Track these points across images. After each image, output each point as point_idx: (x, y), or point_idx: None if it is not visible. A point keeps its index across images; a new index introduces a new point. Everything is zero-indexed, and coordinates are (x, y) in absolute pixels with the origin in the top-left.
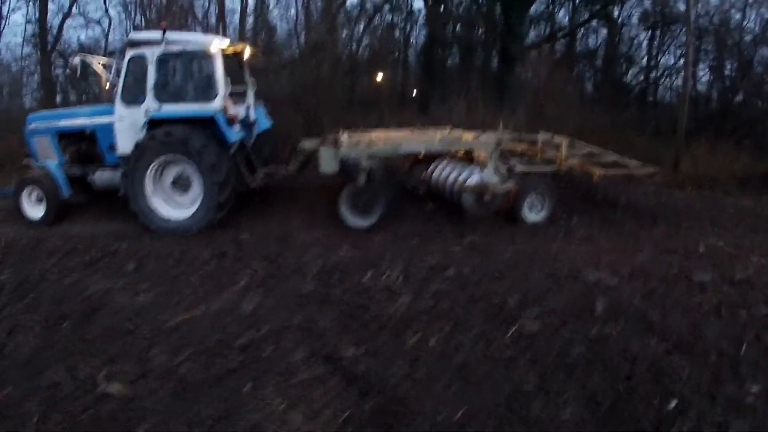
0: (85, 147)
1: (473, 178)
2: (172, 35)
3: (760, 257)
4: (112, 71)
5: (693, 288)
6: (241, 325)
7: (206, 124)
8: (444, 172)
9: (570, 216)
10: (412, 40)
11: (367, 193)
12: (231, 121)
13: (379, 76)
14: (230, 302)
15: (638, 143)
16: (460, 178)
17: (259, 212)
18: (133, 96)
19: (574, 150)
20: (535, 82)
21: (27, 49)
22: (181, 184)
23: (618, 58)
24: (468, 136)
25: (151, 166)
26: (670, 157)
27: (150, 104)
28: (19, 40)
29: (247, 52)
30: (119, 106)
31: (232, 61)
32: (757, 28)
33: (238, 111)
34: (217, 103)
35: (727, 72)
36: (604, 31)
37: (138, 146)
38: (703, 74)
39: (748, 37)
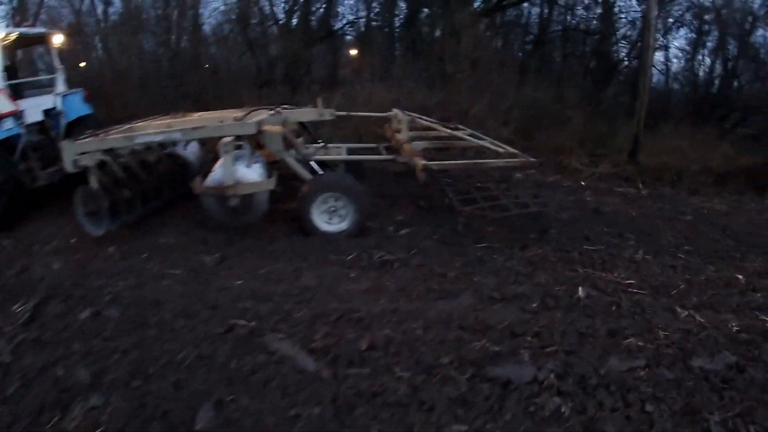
0: None
1: (212, 176)
2: None
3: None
4: None
5: None
6: None
7: None
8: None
9: (402, 226)
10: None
11: (93, 196)
12: None
13: None
14: None
15: (593, 126)
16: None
17: None
18: None
19: (425, 132)
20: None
21: None
22: None
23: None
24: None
25: None
26: (626, 145)
27: None
28: None
29: (58, 40)
30: None
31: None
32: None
33: (18, 105)
34: None
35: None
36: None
37: None
38: (676, 57)
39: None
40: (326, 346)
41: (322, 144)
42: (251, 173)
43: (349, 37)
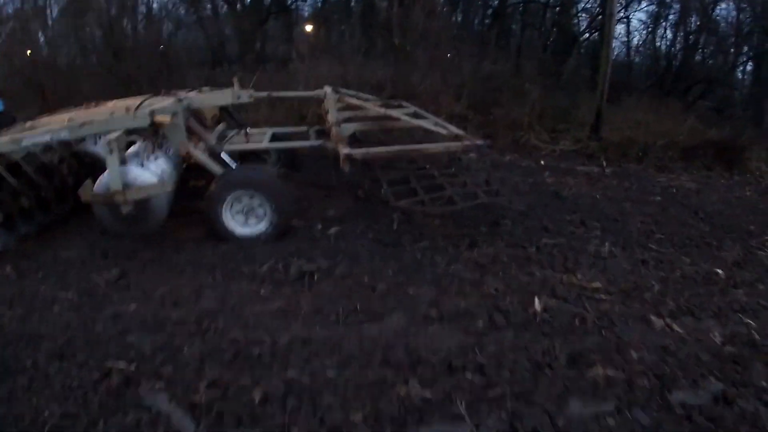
0: None
1: (100, 180)
2: None
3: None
4: None
5: None
6: None
7: None
8: None
9: (333, 223)
10: None
11: None
12: None
13: None
14: None
15: (553, 100)
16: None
17: None
18: None
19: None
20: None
21: None
22: None
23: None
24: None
25: None
26: (588, 119)
27: None
28: None
29: None
30: None
31: None
32: None
33: None
34: None
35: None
36: None
37: None
38: (637, 30)
39: None
40: (211, 399)
41: (236, 131)
42: (144, 174)
43: (305, 13)
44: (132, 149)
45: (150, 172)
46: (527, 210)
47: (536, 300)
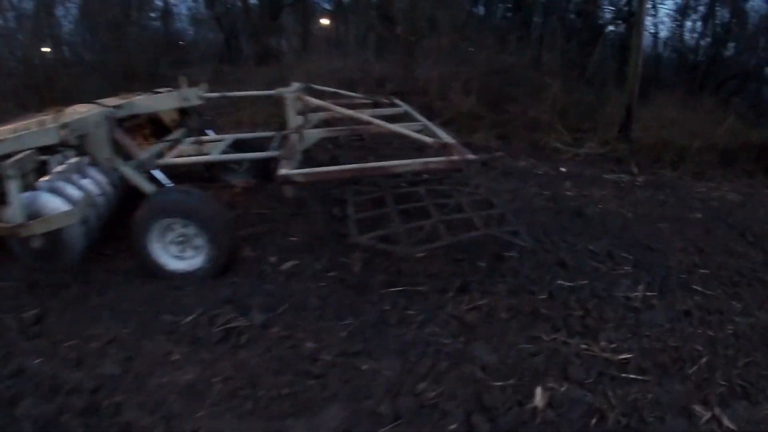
0: None
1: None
2: None
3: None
4: None
5: None
6: None
7: None
8: None
9: (290, 255)
10: None
11: None
12: None
13: None
14: None
15: (577, 95)
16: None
17: None
18: None
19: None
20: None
21: None
22: None
23: None
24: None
25: None
26: (616, 118)
27: None
28: None
29: None
30: None
31: None
32: None
33: None
34: None
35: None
36: None
37: None
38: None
39: None
40: None
41: (175, 138)
42: (53, 201)
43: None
44: (58, 168)
45: (62, 198)
46: (541, 236)
47: (538, 391)
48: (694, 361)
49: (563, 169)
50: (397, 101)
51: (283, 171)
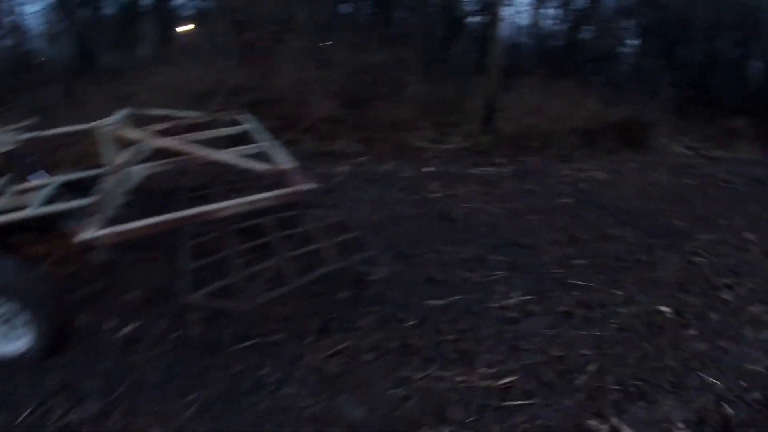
0: None
1: None
2: None
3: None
4: None
5: None
6: None
7: None
8: None
9: (133, 316)
10: None
11: None
12: None
13: None
14: None
15: (439, 91)
16: None
17: None
18: None
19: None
20: None
21: None
22: None
23: None
24: None
25: None
26: (479, 110)
27: None
28: None
29: None
30: None
31: None
32: None
33: None
34: None
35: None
36: None
37: None
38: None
39: None
40: None
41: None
42: None
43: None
44: None
45: None
46: (407, 249)
47: None
48: (582, 368)
49: (429, 169)
50: (241, 117)
51: (83, 235)
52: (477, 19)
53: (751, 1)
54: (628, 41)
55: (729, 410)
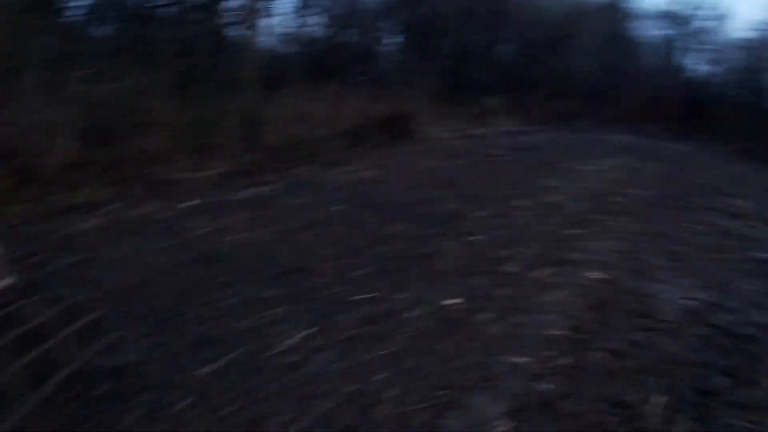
0: None
1: None
2: None
3: None
4: None
5: None
6: None
7: None
8: None
9: None
10: None
11: None
12: None
13: None
14: None
15: (196, 112)
16: None
17: None
18: None
19: None
20: None
21: None
22: None
23: None
24: None
25: None
26: (242, 127)
27: None
28: None
29: None
30: None
31: None
32: None
33: None
34: None
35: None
36: None
37: None
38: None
39: None
40: None
41: None
42: None
43: None
44: None
45: None
46: (165, 314)
47: None
48: (381, 397)
49: (190, 204)
50: None
51: None
52: (235, 31)
53: None
54: (389, 39)
55: (545, 385)
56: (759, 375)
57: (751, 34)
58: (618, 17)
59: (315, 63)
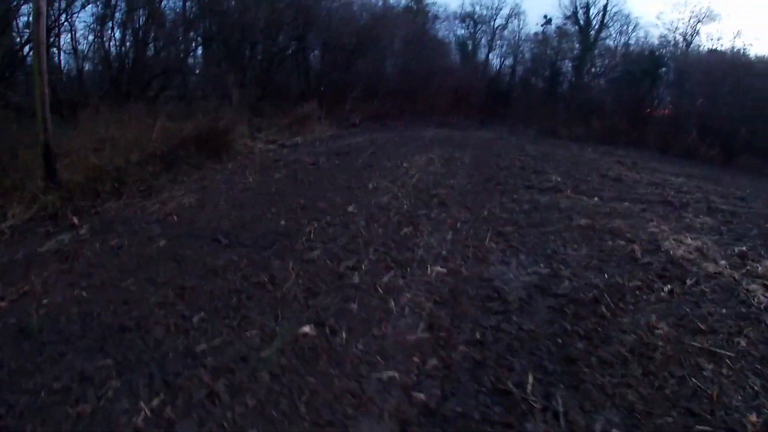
0: None
1: None
2: None
3: None
4: None
5: None
6: None
7: None
8: None
9: None
10: None
11: None
12: None
13: None
14: None
15: None
16: None
17: None
18: None
19: None
20: None
21: None
22: None
23: None
24: None
25: None
26: (37, 163)
27: None
28: None
29: None
30: None
31: None
32: None
33: None
34: None
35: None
36: None
37: None
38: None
39: None
40: None
41: None
42: None
43: None
44: None
45: None
46: None
47: None
48: None
49: None
50: None
51: None
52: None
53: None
54: (194, 51)
55: (420, 396)
56: (611, 331)
57: (543, 28)
58: (421, 20)
59: (117, 82)
